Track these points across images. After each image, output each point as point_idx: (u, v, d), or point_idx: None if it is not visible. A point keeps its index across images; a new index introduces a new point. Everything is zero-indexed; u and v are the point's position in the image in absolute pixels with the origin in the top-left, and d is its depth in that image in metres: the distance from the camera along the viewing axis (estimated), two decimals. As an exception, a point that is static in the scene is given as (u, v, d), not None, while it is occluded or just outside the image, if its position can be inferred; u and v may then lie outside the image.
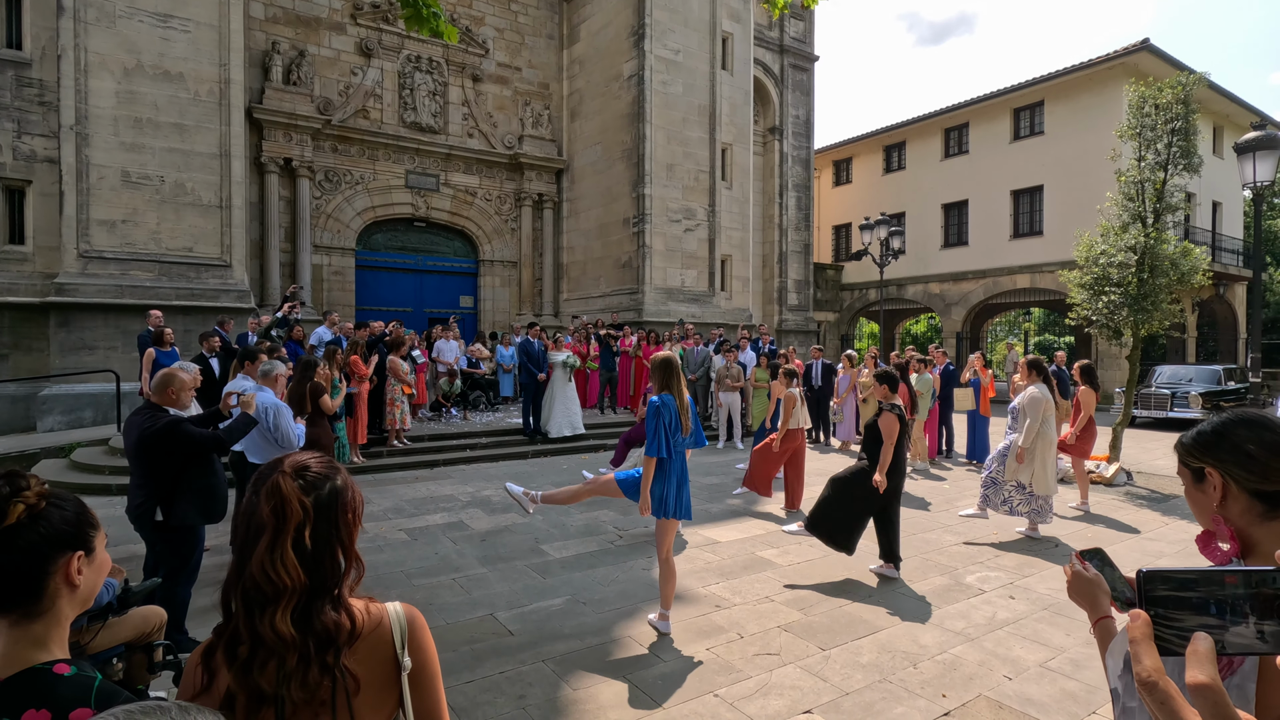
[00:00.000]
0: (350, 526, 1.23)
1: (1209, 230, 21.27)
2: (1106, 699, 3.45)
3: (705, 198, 16.56)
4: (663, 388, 4.20)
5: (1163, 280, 8.99)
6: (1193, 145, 8.94)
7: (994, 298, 22.12)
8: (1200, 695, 0.56)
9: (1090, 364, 7.91)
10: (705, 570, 5.41)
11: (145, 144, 11.29)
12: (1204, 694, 0.56)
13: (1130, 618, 0.63)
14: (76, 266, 10.84)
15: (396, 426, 9.76)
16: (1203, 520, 1.15)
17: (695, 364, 12.58)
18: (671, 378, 4.19)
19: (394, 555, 5.72)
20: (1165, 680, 0.59)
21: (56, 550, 1.10)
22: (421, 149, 16.04)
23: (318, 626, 1.15)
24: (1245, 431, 1.07)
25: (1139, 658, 0.61)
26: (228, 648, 1.14)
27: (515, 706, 3.36)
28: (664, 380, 4.21)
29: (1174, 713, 0.57)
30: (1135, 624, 0.63)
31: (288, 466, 1.20)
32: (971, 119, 22.59)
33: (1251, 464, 1.05)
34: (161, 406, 3.85)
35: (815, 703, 3.42)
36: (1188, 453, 1.14)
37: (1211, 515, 1.11)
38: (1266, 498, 1.04)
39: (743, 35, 17.77)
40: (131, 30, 11.15)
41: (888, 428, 5.26)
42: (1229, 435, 1.08)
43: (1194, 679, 0.57)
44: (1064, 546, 6.12)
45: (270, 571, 1.11)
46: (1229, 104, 21.26)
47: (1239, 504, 1.07)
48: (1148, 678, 0.59)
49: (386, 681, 1.22)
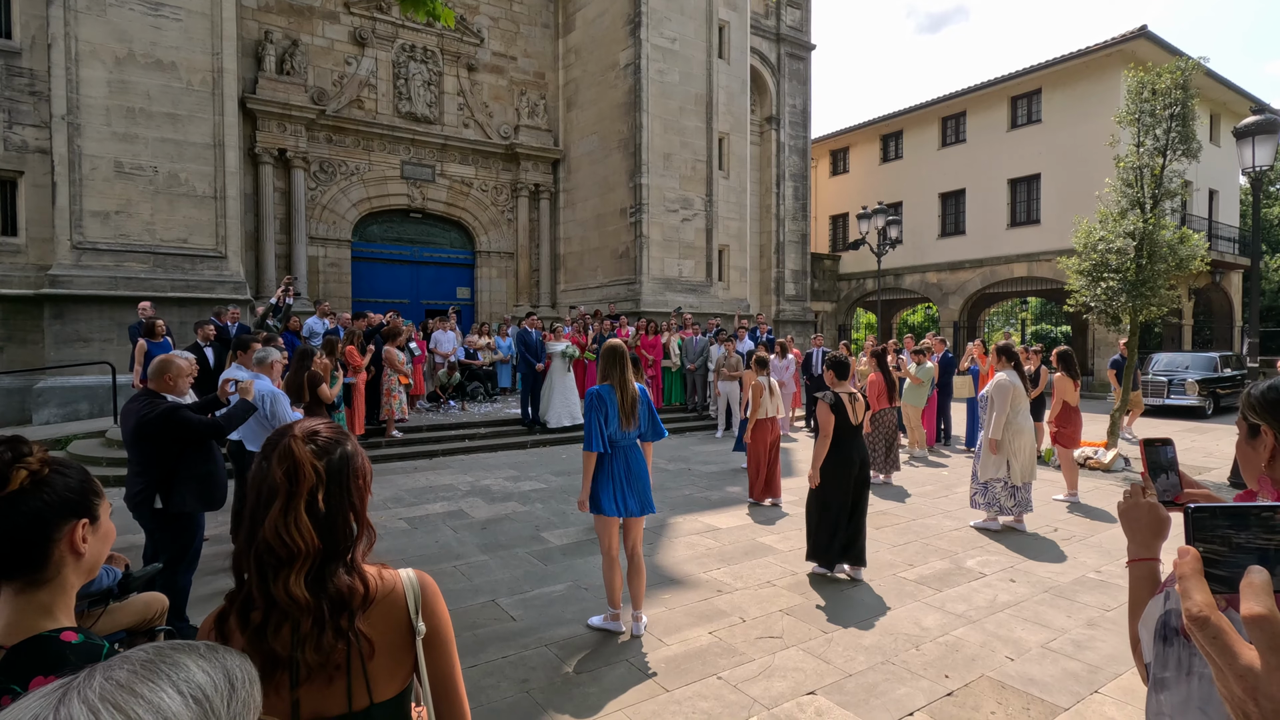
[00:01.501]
0: (362, 492, 1.23)
1: (1205, 218, 21.29)
2: (1108, 679, 3.47)
3: (702, 187, 16.50)
4: (604, 378, 3.92)
5: (1161, 266, 9.00)
6: (1191, 130, 8.93)
7: (991, 287, 22.13)
8: (1256, 627, 0.54)
9: (1069, 350, 7.70)
10: (706, 556, 5.42)
11: (138, 134, 11.18)
12: (1261, 625, 0.53)
13: (1179, 554, 0.61)
14: (70, 258, 10.75)
15: (394, 417, 9.73)
16: (1249, 477, 1.11)
17: (694, 354, 12.58)
18: (613, 367, 3.89)
19: (394, 543, 5.71)
20: (1218, 615, 0.56)
21: (60, 517, 1.09)
22: (417, 139, 15.93)
23: (331, 590, 1.14)
24: None
25: (1188, 593, 0.58)
26: (241, 613, 1.13)
27: (518, 690, 3.36)
28: (604, 370, 3.93)
29: (1227, 647, 0.55)
30: (1184, 560, 0.60)
31: (299, 431, 1.19)
32: (969, 108, 22.52)
33: None
34: (159, 393, 3.82)
35: (818, 684, 3.42)
36: (1249, 407, 1.09)
37: (1259, 474, 1.07)
38: None
39: (739, 24, 17.66)
40: (122, 18, 11.02)
41: (819, 418, 4.95)
42: None
43: (1250, 610, 0.54)
44: (1063, 530, 6.14)
45: (284, 534, 1.10)
46: (1226, 91, 21.24)
47: None
48: (1199, 613, 0.57)
49: (401, 646, 1.22)
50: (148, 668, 0.57)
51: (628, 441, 3.95)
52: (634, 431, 3.94)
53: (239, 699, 0.61)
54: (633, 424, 3.90)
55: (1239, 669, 0.54)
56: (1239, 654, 0.55)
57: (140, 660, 0.58)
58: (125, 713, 0.52)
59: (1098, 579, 4.92)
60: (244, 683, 0.63)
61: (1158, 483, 1.11)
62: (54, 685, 0.54)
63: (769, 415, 7.17)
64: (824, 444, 4.94)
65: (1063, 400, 7.52)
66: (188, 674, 0.58)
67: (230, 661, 0.64)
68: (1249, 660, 0.54)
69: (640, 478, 3.99)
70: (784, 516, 6.59)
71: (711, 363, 12.13)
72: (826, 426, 4.92)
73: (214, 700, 0.58)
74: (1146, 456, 1.12)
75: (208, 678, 0.60)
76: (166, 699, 0.55)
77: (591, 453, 3.84)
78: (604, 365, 3.93)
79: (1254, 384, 1.12)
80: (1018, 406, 6.23)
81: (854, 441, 5.04)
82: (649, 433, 4.03)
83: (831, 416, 4.91)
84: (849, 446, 5.00)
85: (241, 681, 0.63)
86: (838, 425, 4.94)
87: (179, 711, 0.55)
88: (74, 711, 0.51)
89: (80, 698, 0.52)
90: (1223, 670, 0.55)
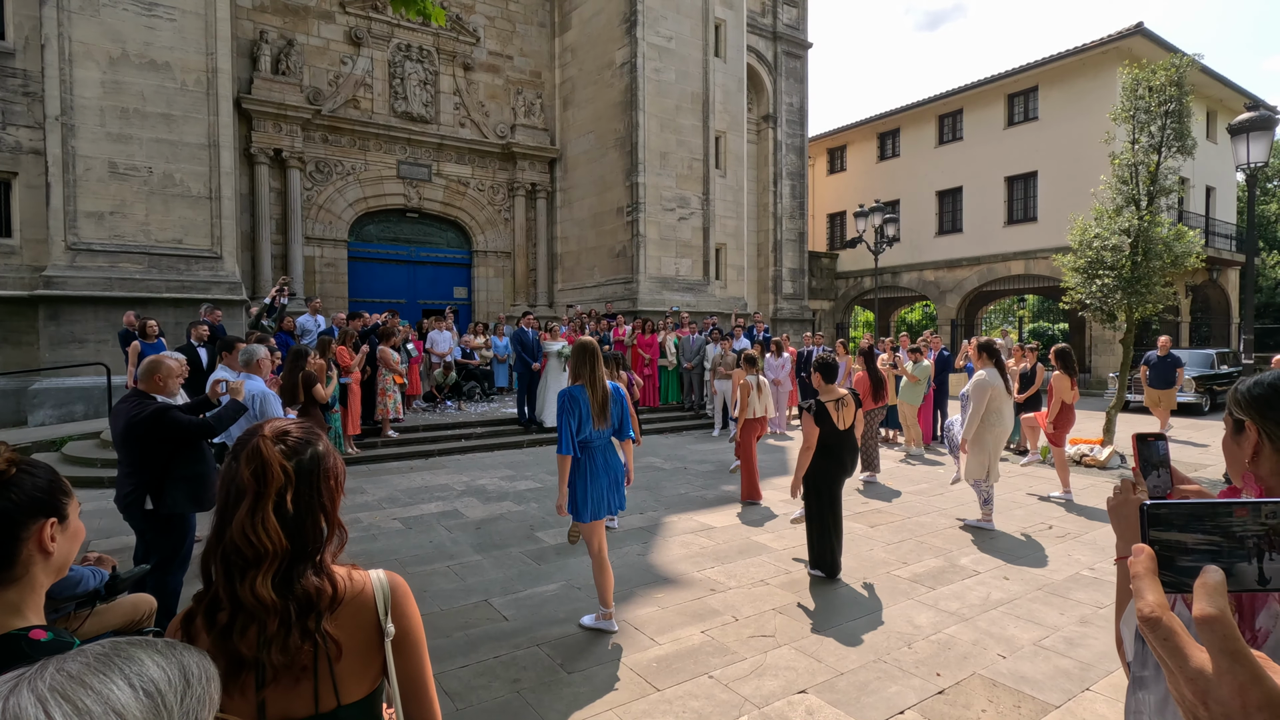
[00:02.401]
0: (333, 492, 1.22)
1: (1202, 215, 21.31)
2: (1100, 676, 3.47)
3: (699, 186, 16.49)
4: (575, 377, 3.84)
5: (1156, 263, 9.00)
6: (1186, 127, 8.93)
7: (988, 284, 22.14)
8: (1208, 628, 0.52)
9: (1067, 348, 7.58)
10: (700, 555, 5.41)
11: (132, 134, 11.16)
12: (1212, 626, 0.52)
13: (1134, 551, 0.59)
14: (65, 259, 10.73)
15: (388, 417, 9.72)
16: (1234, 473, 1.11)
17: (690, 352, 12.58)
18: (584, 366, 3.81)
19: (388, 544, 5.70)
20: (1169, 615, 0.55)
21: (28, 516, 1.09)
22: (413, 139, 15.91)
23: (299, 591, 1.13)
24: None
25: (1141, 593, 0.56)
26: (207, 613, 1.12)
27: (510, 690, 3.35)
28: (575, 369, 3.84)
29: (1177, 649, 0.53)
30: (1138, 558, 0.59)
31: (268, 431, 1.19)
32: (965, 105, 22.52)
33: None
34: (149, 394, 3.81)
35: (810, 683, 3.42)
36: (1235, 403, 1.08)
37: (1243, 470, 1.06)
38: None
39: (736, 22, 17.64)
40: (116, 19, 11.00)
41: (804, 428, 4.87)
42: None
43: (1201, 610, 0.53)
44: (1058, 527, 6.14)
45: (251, 535, 1.10)
46: (1222, 88, 21.24)
47: (1270, 463, 1.01)
48: (1150, 613, 0.55)
49: (369, 648, 1.21)
50: (101, 660, 0.57)
51: (602, 441, 3.90)
52: (608, 430, 3.89)
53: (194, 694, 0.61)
54: (605, 422, 3.85)
55: (1190, 671, 0.52)
56: (1190, 656, 0.53)
57: (95, 654, 0.58)
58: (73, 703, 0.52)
59: (1091, 576, 4.92)
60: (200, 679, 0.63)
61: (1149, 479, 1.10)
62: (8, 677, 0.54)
63: (757, 414, 7.12)
64: (806, 455, 4.85)
65: (1060, 399, 7.45)
66: (141, 668, 0.58)
67: (188, 658, 0.64)
68: (1199, 663, 0.52)
69: (617, 478, 3.97)
70: (776, 516, 6.58)
71: (708, 361, 12.13)
72: (809, 438, 4.84)
73: (166, 695, 0.58)
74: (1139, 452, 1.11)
75: (162, 672, 0.59)
76: (116, 691, 0.55)
77: (565, 456, 3.78)
78: (575, 364, 3.86)
79: (1241, 380, 1.11)
80: (996, 406, 6.11)
81: (844, 445, 4.96)
82: (620, 431, 3.96)
83: (816, 428, 4.84)
84: (839, 450, 4.93)
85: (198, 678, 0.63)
86: (825, 431, 4.87)
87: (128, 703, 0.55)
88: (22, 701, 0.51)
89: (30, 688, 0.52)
90: (1174, 672, 0.54)
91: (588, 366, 3.82)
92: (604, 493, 3.91)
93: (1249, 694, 0.50)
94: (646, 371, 12.66)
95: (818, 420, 4.86)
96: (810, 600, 4.49)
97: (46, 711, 0.50)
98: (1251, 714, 0.49)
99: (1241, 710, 0.50)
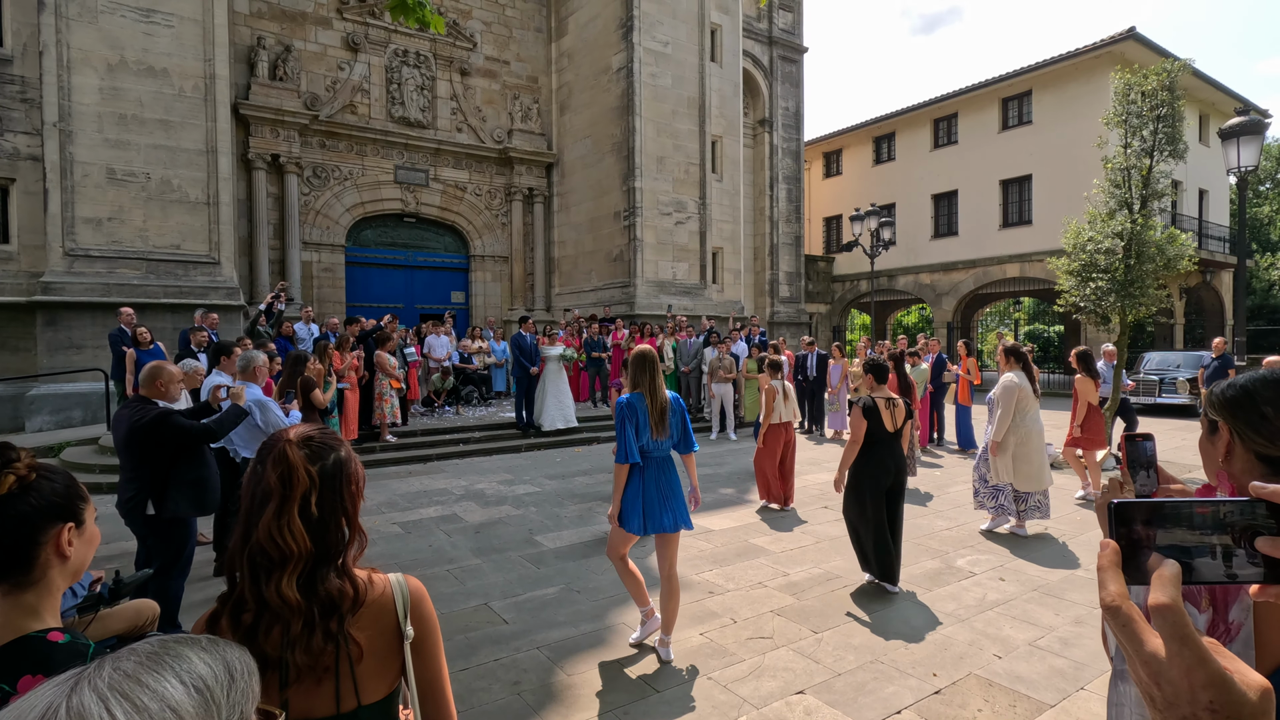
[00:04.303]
0: (354, 497, 1.25)
1: (1195, 218, 21.43)
2: (1094, 675, 3.51)
3: (696, 190, 16.55)
4: (634, 386, 3.76)
5: (1149, 266, 9.07)
6: (1178, 131, 9.00)
7: (984, 287, 22.23)
8: (1160, 616, 0.57)
9: (1087, 350, 7.52)
10: (699, 558, 5.44)
11: (130, 140, 11.18)
12: (1163, 614, 0.57)
13: (1100, 546, 0.64)
14: (63, 265, 10.74)
15: (386, 421, 9.73)
16: (1208, 472, 1.14)
17: (688, 356, 12.62)
18: (643, 375, 3.75)
19: (387, 548, 5.72)
20: (1128, 604, 0.59)
21: (47, 521, 1.12)
22: (410, 144, 15.95)
23: (322, 593, 1.16)
24: (1269, 393, 1.01)
25: (1104, 584, 0.61)
26: (232, 614, 1.15)
27: (510, 693, 3.38)
28: (634, 377, 3.77)
29: (1135, 635, 0.58)
30: (1104, 552, 0.63)
31: (294, 436, 1.22)
32: (960, 109, 22.64)
33: (1263, 426, 1.00)
34: (150, 399, 3.83)
35: (808, 683, 3.45)
36: (1209, 404, 1.11)
37: (1217, 469, 1.09)
38: (1270, 461, 0.99)
39: (731, 27, 17.73)
40: (114, 25, 11.02)
41: (852, 423, 4.83)
42: (1254, 394, 1.03)
43: (1155, 599, 0.57)
44: (1053, 528, 6.18)
45: (277, 537, 1.13)
46: (1215, 92, 21.40)
47: (1241, 462, 1.03)
48: (1111, 602, 0.60)
49: (389, 650, 1.24)
50: (153, 659, 0.60)
51: (661, 453, 3.79)
52: (667, 441, 3.78)
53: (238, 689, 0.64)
54: (664, 433, 3.74)
55: (1144, 655, 0.57)
56: (1145, 641, 0.58)
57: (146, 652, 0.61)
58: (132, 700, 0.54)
59: (1086, 577, 4.96)
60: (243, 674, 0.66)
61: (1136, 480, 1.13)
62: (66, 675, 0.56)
63: (782, 419, 7.03)
64: (852, 449, 4.76)
65: (1086, 402, 7.32)
66: (190, 665, 0.61)
67: (230, 654, 0.67)
68: (1153, 647, 0.57)
69: (675, 492, 3.81)
70: (779, 519, 6.62)
71: (705, 365, 12.17)
72: (858, 432, 4.74)
73: (214, 690, 0.61)
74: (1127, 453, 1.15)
75: (209, 669, 0.62)
76: (170, 688, 0.57)
77: (623, 465, 3.68)
78: (634, 372, 3.78)
79: (1216, 383, 1.15)
80: (1024, 409, 6.01)
81: (890, 449, 4.82)
82: (682, 444, 3.86)
83: (864, 422, 4.75)
84: (884, 453, 4.79)
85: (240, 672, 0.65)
86: (871, 431, 4.76)
87: (181, 700, 0.57)
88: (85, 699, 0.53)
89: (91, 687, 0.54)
90: (1131, 656, 0.59)
91: (647, 375, 3.76)
92: (654, 508, 3.73)
93: (1195, 674, 0.55)
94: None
95: (866, 415, 4.77)
96: (808, 602, 4.53)
97: (109, 709, 0.52)
98: (1197, 692, 0.54)
99: (1189, 689, 0.55)
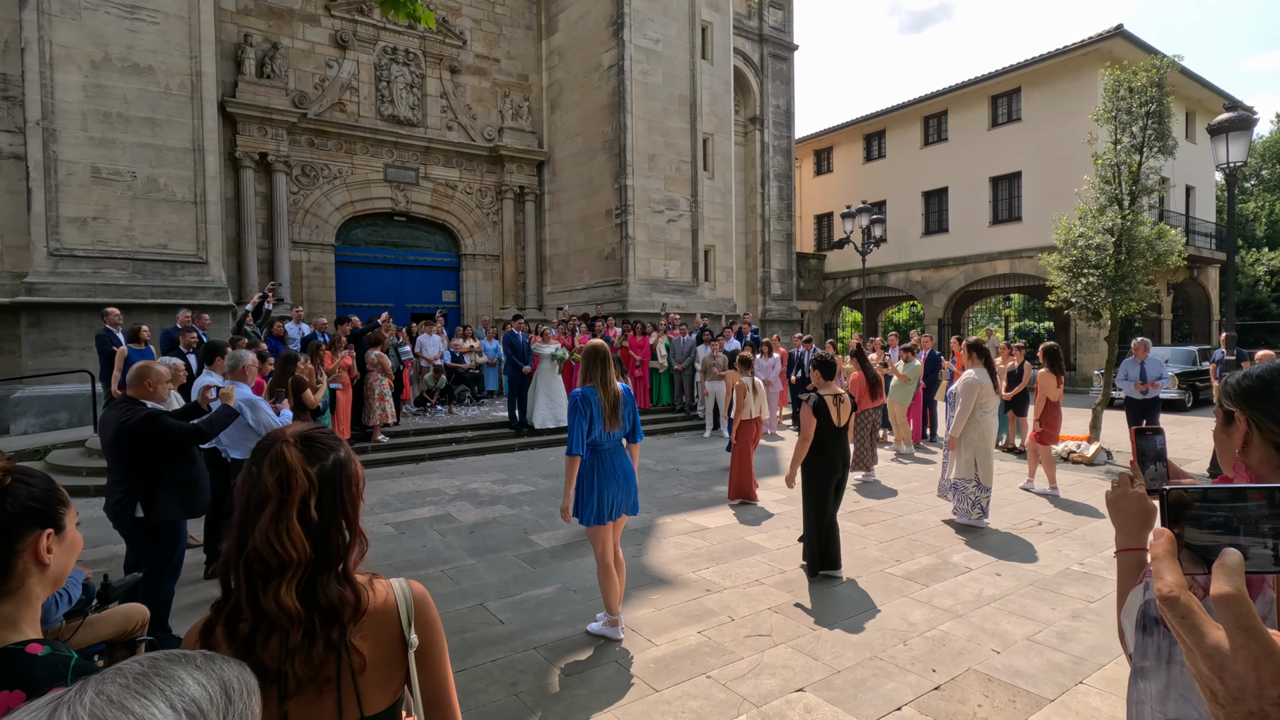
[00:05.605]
0: (355, 499, 1.19)
1: (1182, 214, 21.61)
2: (1093, 669, 3.51)
3: (687, 188, 16.52)
4: (585, 380, 3.84)
5: (1139, 262, 9.13)
6: (1167, 127, 9.06)
7: (974, 284, 22.34)
8: (1224, 606, 0.54)
9: (1055, 347, 7.62)
10: (695, 556, 5.42)
11: (115, 139, 11.03)
12: (1228, 605, 0.54)
13: (1154, 535, 0.61)
14: (47, 265, 10.58)
15: (381, 421, 9.66)
16: (1224, 463, 1.12)
17: (681, 354, 12.60)
18: (595, 368, 3.82)
19: (381, 549, 5.66)
20: (1187, 595, 0.57)
21: (24, 528, 1.06)
22: (400, 142, 15.83)
23: (323, 601, 1.11)
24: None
25: (1160, 574, 0.59)
26: (228, 624, 1.09)
27: (508, 694, 3.34)
28: (586, 371, 3.84)
29: (1195, 627, 0.55)
30: (1158, 541, 0.61)
31: (291, 436, 1.15)
32: (950, 106, 22.73)
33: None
34: (138, 399, 3.77)
35: (807, 681, 3.43)
36: (1225, 395, 1.09)
37: (1233, 460, 1.07)
38: None
39: (722, 24, 17.71)
40: (98, 22, 10.86)
41: (802, 420, 4.93)
42: (1271, 384, 1.02)
43: (1219, 590, 0.55)
44: (1047, 523, 6.20)
45: (275, 543, 1.07)
46: (1201, 89, 21.58)
47: (1259, 453, 1.02)
48: (1169, 592, 0.57)
49: (393, 659, 1.18)
50: (140, 681, 0.56)
51: (612, 444, 3.88)
52: (618, 432, 3.87)
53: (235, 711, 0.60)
54: (616, 425, 3.83)
55: (1206, 648, 0.55)
56: (1207, 633, 0.55)
57: (134, 673, 0.57)
58: None
59: (1082, 571, 4.97)
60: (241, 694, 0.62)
61: (1146, 472, 1.12)
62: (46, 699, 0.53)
63: (753, 415, 7.14)
64: (804, 446, 4.89)
65: (1045, 397, 7.50)
66: (181, 687, 0.57)
67: (228, 672, 0.62)
68: (1216, 640, 0.54)
69: (628, 480, 3.93)
70: (770, 516, 6.60)
71: (699, 363, 12.15)
72: (808, 429, 4.88)
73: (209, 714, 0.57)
74: (1137, 445, 1.13)
75: (202, 690, 0.58)
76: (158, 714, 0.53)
77: (574, 456, 3.75)
78: (585, 366, 3.85)
79: (1231, 374, 1.13)
80: (985, 405, 6.15)
81: (838, 444, 4.99)
82: (631, 434, 3.96)
83: (814, 419, 4.87)
84: (832, 449, 4.95)
85: (239, 692, 0.61)
86: (821, 427, 4.90)
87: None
88: None
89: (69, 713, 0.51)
90: (1191, 649, 0.56)
91: (598, 368, 3.82)
92: (617, 495, 3.87)
93: (1263, 668, 0.52)
94: (638, 373, 12.67)
95: (816, 413, 4.88)
96: (806, 599, 4.51)
97: None
98: (1266, 687, 0.51)
99: (1256, 683, 0.52)
